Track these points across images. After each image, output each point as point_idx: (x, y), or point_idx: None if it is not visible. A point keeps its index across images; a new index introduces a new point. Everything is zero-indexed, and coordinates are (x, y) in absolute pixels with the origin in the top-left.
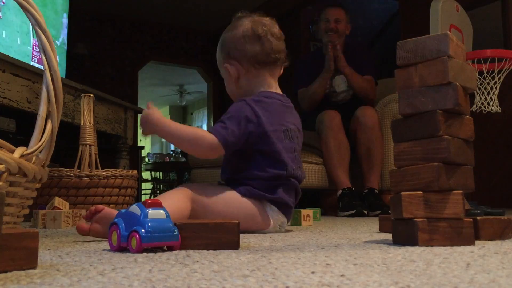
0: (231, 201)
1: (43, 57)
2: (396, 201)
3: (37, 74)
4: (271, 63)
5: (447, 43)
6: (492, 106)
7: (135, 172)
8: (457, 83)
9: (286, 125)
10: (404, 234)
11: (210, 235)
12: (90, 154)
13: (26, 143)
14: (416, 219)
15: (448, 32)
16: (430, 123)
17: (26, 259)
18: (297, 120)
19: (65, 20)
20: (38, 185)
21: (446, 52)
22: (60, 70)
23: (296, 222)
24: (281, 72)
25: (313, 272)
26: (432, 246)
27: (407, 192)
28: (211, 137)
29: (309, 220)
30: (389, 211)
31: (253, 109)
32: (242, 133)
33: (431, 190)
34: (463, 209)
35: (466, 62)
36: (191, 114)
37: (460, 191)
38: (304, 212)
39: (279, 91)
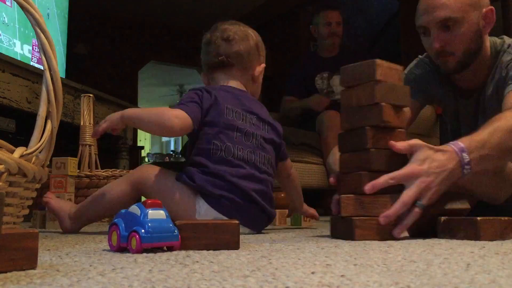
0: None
1: (43, 57)
2: (337, 203)
3: (37, 74)
4: (219, 65)
5: (375, 69)
6: None
7: None
8: (385, 103)
9: (240, 107)
10: (342, 230)
11: (210, 235)
12: (90, 154)
13: (26, 143)
14: (353, 218)
15: (378, 59)
16: (361, 138)
17: (26, 259)
18: (259, 109)
19: None
20: (38, 185)
21: (374, 77)
22: (60, 70)
23: (296, 222)
24: (245, 73)
25: (313, 273)
26: (365, 240)
27: (345, 195)
28: (176, 109)
29: (309, 221)
30: None
31: (203, 88)
32: (198, 104)
33: (359, 194)
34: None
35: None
36: None
37: (388, 195)
38: None
39: (241, 87)
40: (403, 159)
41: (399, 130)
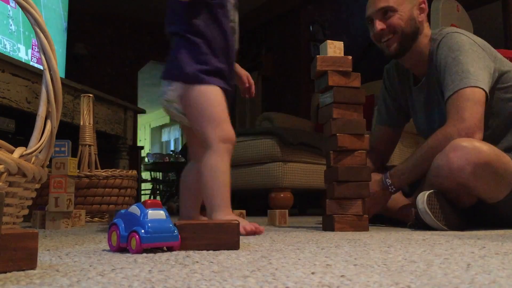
0: None
1: (43, 57)
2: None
3: (37, 74)
4: None
5: (332, 110)
6: None
7: (134, 172)
8: (340, 134)
9: None
10: (327, 224)
11: (210, 235)
12: (90, 154)
13: (25, 143)
14: (334, 215)
15: (335, 104)
16: (328, 159)
17: (26, 259)
18: None
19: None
20: (37, 186)
21: (331, 116)
22: (60, 70)
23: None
24: None
25: (313, 273)
26: (342, 231)
27: (328, 199)
28: None
29: (284, 222)
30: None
31: None
32: None
33: (332, 198)
34: (362, 209)
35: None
36: None
37: (360, 199)
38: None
39: None
40: (359, 172)
41: (359, 152)
